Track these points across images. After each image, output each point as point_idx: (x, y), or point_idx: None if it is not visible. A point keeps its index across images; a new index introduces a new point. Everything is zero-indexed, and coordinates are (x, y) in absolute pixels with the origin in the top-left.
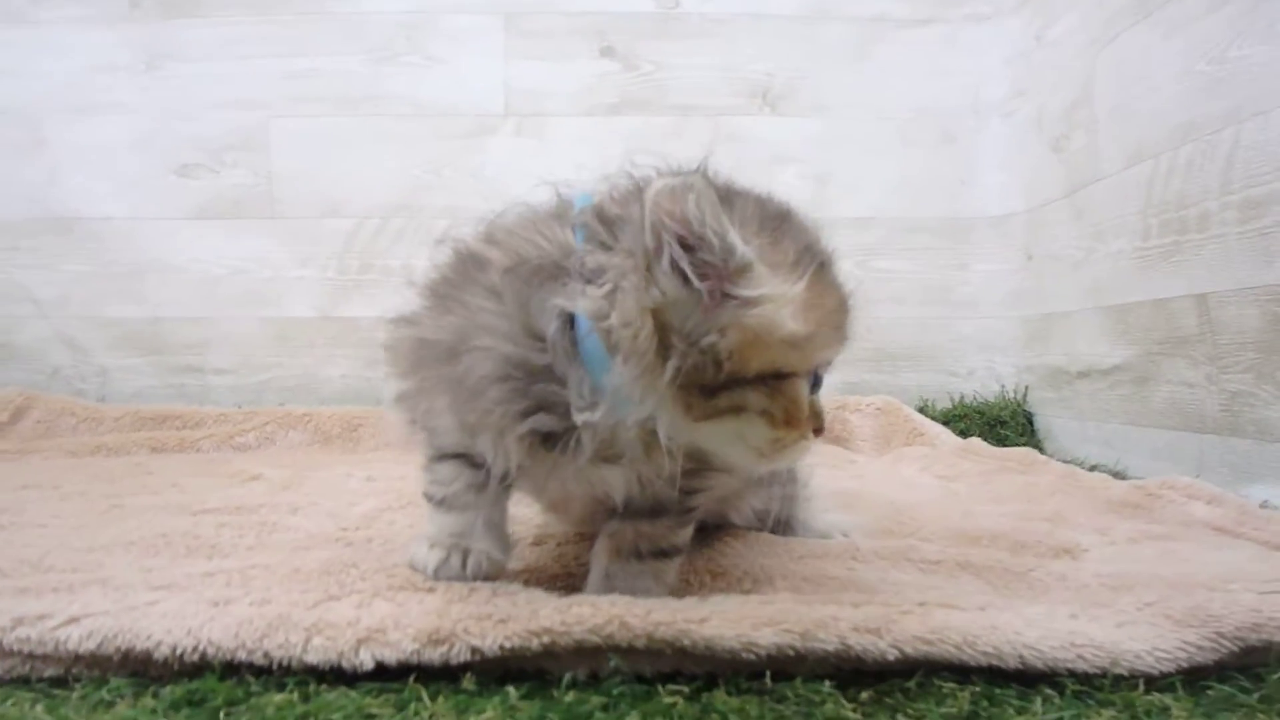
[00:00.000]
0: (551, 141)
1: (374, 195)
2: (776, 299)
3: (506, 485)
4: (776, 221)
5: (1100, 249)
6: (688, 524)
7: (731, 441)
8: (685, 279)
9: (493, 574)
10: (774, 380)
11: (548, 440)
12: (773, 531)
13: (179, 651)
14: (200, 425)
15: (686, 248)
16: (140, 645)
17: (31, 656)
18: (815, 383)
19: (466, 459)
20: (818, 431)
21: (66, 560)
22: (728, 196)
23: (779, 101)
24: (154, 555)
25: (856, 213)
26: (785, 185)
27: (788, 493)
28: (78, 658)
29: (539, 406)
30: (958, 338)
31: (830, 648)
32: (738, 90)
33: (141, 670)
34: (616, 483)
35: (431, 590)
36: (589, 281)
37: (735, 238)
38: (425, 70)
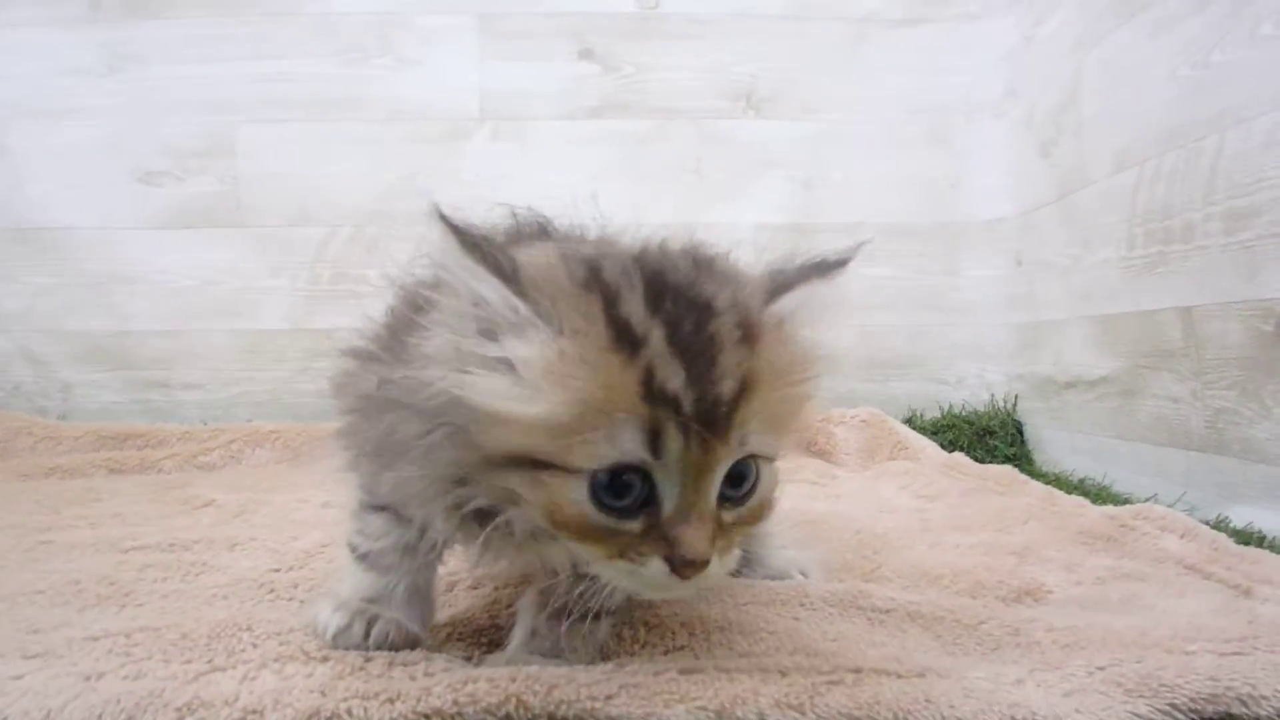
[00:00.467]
0: (530, 146)
1: (347, 202)
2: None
3: (437, 552)
4: (595, 280)
5: (1088, 257)
6: None
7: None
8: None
9: (400, 646)
10: (530, 466)
11: (481, 516)
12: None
13: None
14: (163, 444)
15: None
16: None
17: None
18: (637, 494)
19: (400, 514)
20: (678, 567)
21: None
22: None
23: (764, 104)
24: (60, 606)
25: (845, 218)
26: (772, 190)
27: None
28: None
29: (465, 477)
30: (948, 345)
31: None
32: (722, 92)
33: None
34: (562, 560)
35: (325, 660)
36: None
37: (489, 288)
38: (398, 73)
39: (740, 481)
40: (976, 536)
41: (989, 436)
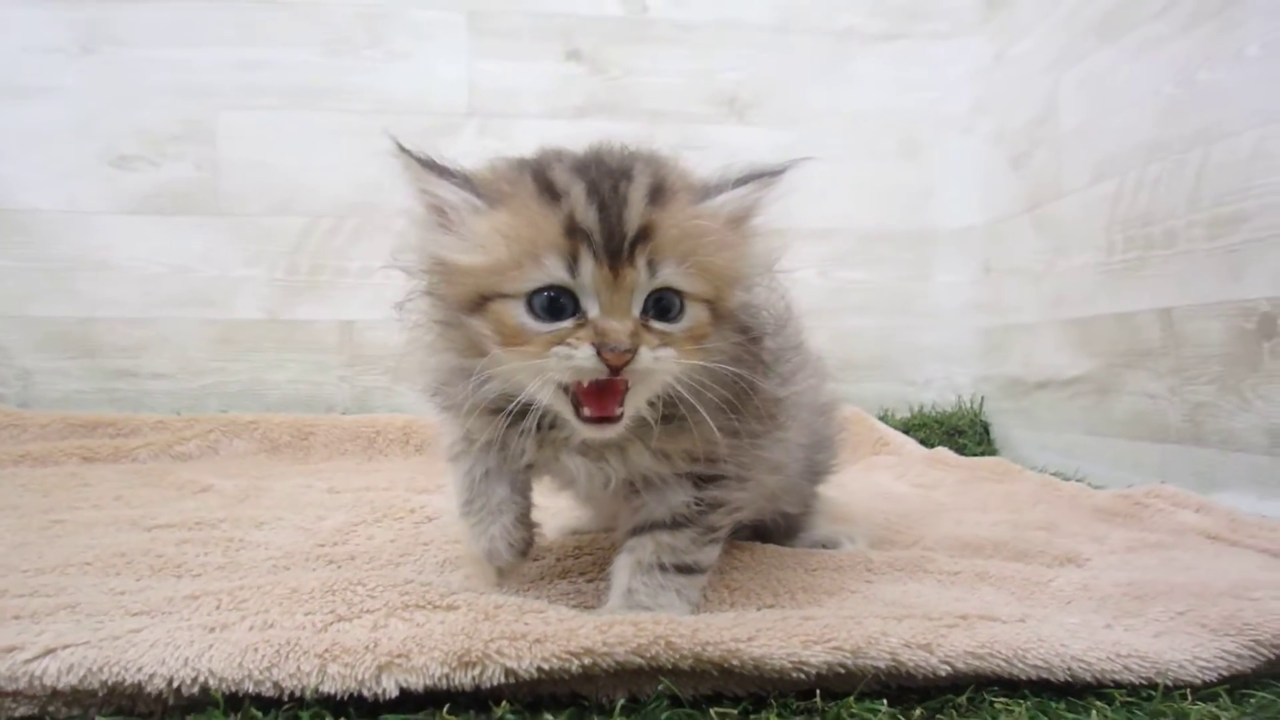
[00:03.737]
0: (516, 143)
1: (329, 192)
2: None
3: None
4: (527, 163)
5: (1061, 263)
6: (712, 542)
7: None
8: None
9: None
10: (485, 304)
11: (507, 417)
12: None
13: (175, 684)
14: (136, 433)
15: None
16: (130, 678)
17: (0, 694)
18: (569, 314)
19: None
20: (603, 354)
21: (17, 583)
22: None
23: (747, 110)
24: (115, 576)
25: (821, 223)
26: None
27: (807, 495)
28: (55, 694)
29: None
30: (917, 348)
31: (882, 664)
32: (706, 98)
33: (129, 707)
34: (579, 472)
35: (452, 608)
36: None
37: (444, 189)
38: (386, 65)
39: (666, 311)
40: (995, 515)
41: (958, 435)
